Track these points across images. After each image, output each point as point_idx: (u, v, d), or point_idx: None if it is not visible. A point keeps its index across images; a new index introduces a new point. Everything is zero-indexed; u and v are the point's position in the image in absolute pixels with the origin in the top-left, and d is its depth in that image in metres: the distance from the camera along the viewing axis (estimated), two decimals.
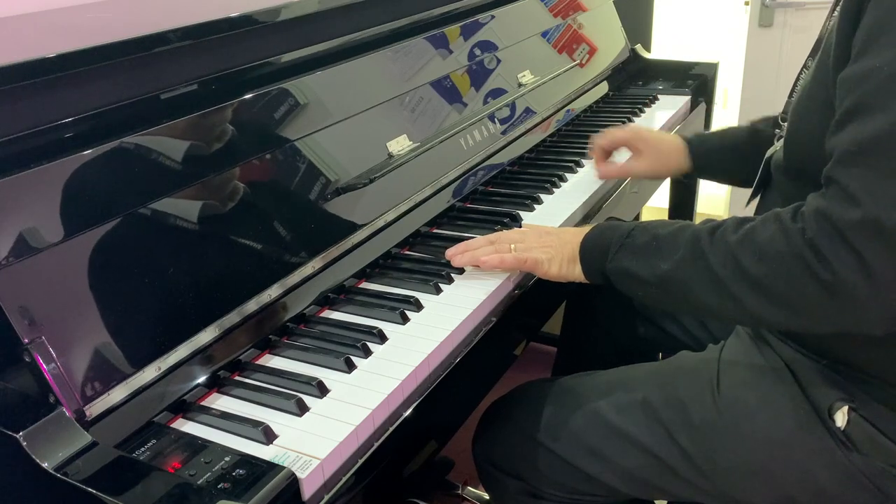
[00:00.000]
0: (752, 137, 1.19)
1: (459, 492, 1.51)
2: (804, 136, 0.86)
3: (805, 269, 0.74)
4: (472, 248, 1.02)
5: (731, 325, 1.07)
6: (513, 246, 0.99)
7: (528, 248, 0.98)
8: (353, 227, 1.04)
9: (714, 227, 0.83)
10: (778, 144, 0.97)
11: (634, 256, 0.89)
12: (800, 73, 0.95)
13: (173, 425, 0.77)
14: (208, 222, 0.88)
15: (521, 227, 1.16)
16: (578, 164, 1.39)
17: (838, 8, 0.83)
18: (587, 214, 1.26)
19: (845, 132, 0.74)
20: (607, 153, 1.35)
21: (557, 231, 1.01)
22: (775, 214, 0.79)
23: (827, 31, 0.86)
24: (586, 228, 0.97)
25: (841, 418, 0.85)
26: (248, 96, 0.98)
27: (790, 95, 0.97)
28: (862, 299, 0.72)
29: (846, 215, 0.71)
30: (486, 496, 1.45)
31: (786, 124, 0.93)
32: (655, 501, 1.25)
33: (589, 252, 0.95)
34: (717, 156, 1.25)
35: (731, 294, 0.80)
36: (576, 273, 0.96)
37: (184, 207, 0.86)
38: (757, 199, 1.03)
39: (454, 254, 1.02)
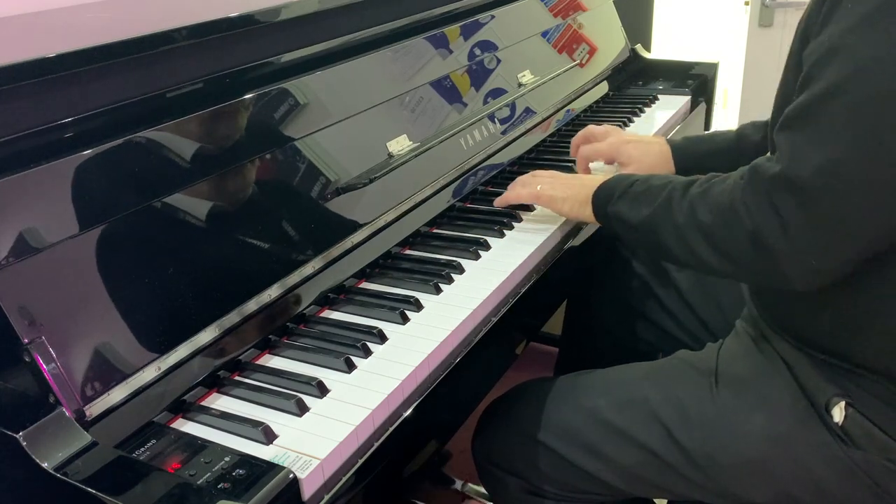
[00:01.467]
0: (739, 142, 1.20)
1: (460, 489, 1.52)
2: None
3: (736, 218, 0.81)
4: (511, 200, 1.16)
5: (730, 318, 1.08)
6: (539, 187, 1.11)
7: (552, 186, 1.10)
8: (353, 227, 1.04)
9: (691, 181, 0.91)
10: None
11: (629, 202, 0.97)
12: None
13: (173, 425, 0.77)
14: (208, 222, 0.88)
15: (520, 223, 1.17)
16: None
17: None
18: None
19: (793, 103, 0.79)
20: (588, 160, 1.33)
21: (583, 177, 1.13)
22: (737, 171, 0.85)
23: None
24: (609, 177, 1.05)
25: (838, 414, 0.86)
26: (248, 96, 0.98)
27: None
28: (779, 252, 0.78)
29: (769, 170, 0.78)
30: (486, 492, 1.45)
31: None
32: (655, 500, 1.25)
33: (598, 197, 1.03)
34: (703, 161, 1.24)
35: (686, 241, 0.87)
36: (585, 214, 1.05)
37: (183, 207, 0.86)
38: None
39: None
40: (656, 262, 1.29)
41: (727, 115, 2.88)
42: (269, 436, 0.74)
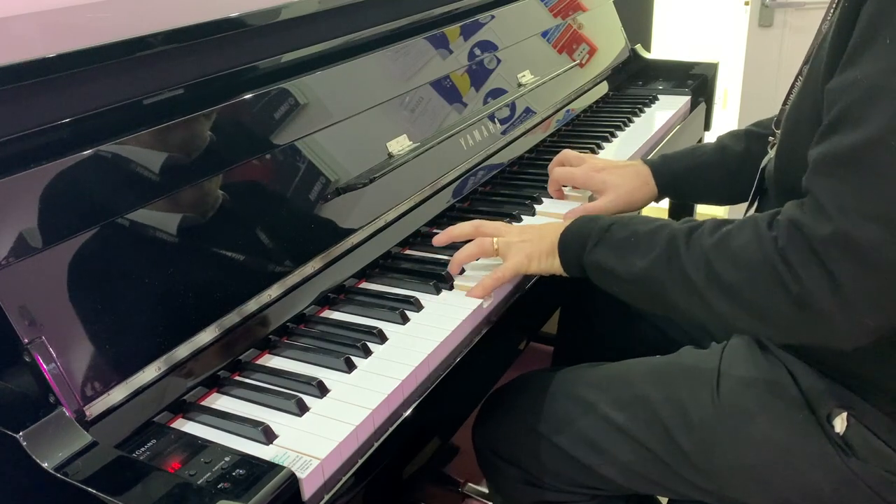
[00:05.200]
0: (721, 154, 1.17)
1: (460, 489, 1.52)
2: (794, 148, 0.85)
3: (775, 279, 0.73)
4: (454, 236, 1.04)
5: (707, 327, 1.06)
6: (495, 240, 1.00)
7: (508, 243, 0.99)
8: (353, 227, 1.04)
9: (692, 228, 0.83)
10: (772, 153, 0.96)
11: (611, 251, 0.89)
12: (794, 81, 0.94)
13: (173, 425, 0.77)
14: (209, 222, 0.88)
15: (520, 223, 1.16)
16: None
17: (829, 19, 0.82)
18: None
19: (824, 144, 0.73)
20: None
21: (539, 226, 1.02)
22: (753, 220, 0.78)
23: (818, 43, 0.84)
24: (568, 223, 0.97)
25: (840, 424, 0.85)
26: (248, 96, 0.98)
27: (784, 103, 0.96)
28: (829, 314, 0.71)
29: (817, 229, 0.71)
30: (487, 490, 1.45)
31: (779, 132, 0.92)
32: (657, 497, 1.25)
33: (567, 244, 0.95)
34: (685, 178, 1.20)
35: (701, 297, 0.80)
36: (555, 266, 0.97)
37: (184, 207, 0.86)
38: (753, 209, 1.02)
39: (440, 242, 1.05)
40: None
41: (727, 115, 2.87)
42: (269, 436, 0.74)
